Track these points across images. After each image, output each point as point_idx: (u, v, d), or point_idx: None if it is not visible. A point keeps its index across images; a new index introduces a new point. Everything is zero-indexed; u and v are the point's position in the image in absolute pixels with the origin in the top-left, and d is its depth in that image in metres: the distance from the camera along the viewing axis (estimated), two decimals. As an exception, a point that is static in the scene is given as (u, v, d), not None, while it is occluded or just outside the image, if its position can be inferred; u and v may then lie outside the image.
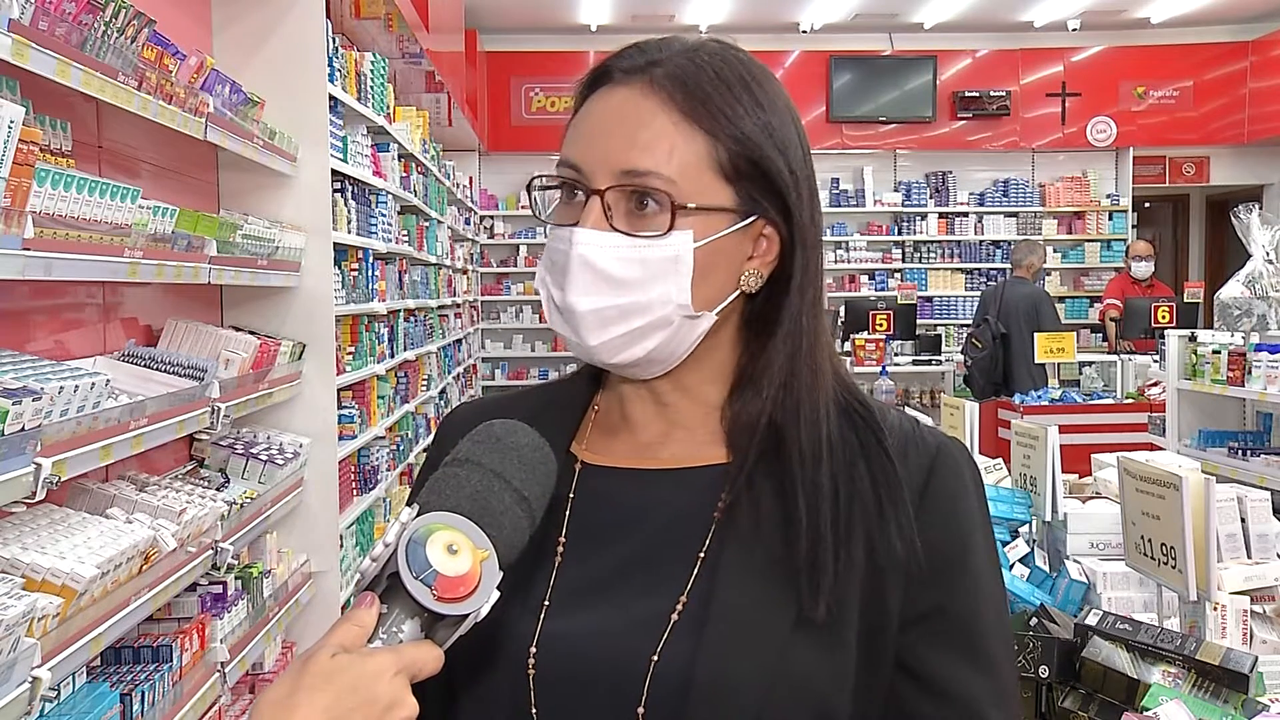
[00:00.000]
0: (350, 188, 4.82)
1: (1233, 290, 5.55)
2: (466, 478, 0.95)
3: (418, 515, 0.92)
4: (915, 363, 10.00)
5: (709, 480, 1.07)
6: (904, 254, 12.78)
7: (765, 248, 1.07)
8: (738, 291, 1.07)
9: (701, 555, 1.03)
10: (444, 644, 0.92)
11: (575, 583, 1.05)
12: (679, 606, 1.01)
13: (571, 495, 1.10)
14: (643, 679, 0.99)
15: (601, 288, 1.03)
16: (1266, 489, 3.05)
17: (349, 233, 4.71)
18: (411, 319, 6.77)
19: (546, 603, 1.04)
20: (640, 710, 0.98)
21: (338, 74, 4.55)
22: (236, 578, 3.25)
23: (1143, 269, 9.43)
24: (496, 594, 0.91)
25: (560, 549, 1.07)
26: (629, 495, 1.09)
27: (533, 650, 1.02)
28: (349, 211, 4.75)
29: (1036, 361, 7.73)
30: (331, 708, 0.85)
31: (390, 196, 5.83)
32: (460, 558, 0.90)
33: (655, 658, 0.99)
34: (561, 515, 1.09)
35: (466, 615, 0.90)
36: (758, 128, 1.04)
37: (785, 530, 1.02)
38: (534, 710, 1.01)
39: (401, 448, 6.20)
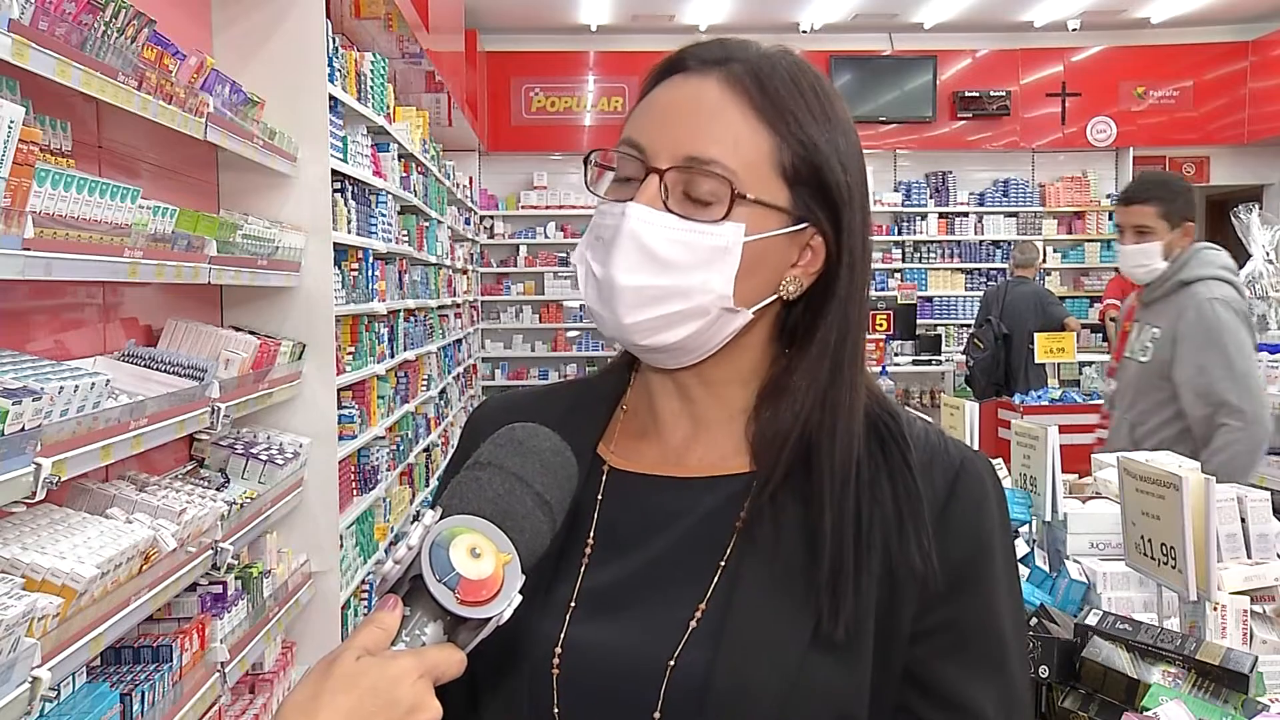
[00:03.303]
0: (350, 188, 4.82)
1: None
2: (489, 481, 0.95)
3: (440, 518, 0.93)
4: (915, 363, 10.00)
5: (735, 489, 1.07)
6: (904, 254, 12.78)
7: (810, 258, 1.07)
8: (775, 296, 1.07)
9: (723, 564, 1.04)
10: (466, 647, 0.92)
11: (600, 587, 1.06)
12: (698, 613, 1.02)
13: (600, 499, 1.10)
14: (660, 684, 0.99)
15: (646, 265, 1.02)
16: (1266, 489, 3.04)
17: (349, 233, 4.71)
18: (411, 319, 6.77)
19: (573, 604, 1.05)
20: (657, 715, 0.99)
21: (338, 74, 4.55)
22: (236, 578, 3.25)
23: (1143, 269, 9.42)
24: (519, 598, 0.91)
25: (587, 553, 1.08)
26: (656, 502, 1.09)
27: (557, 652, 1.03)
28: (349, 211, 4.75)
29: (1036, 361, 7.73)
30: (355, 710, 0.85)
31: (390, 196, 5.83)
32: (483, 561, 0.90)
33: (672, 663, 0.99)
34: (589, 520, 1.09)
35: (489, 618, 0.91)
36: (823, 136, 1.04)
37: (807, 543, 1.02)
38: (556, 711, 1.02)
39: (401, 448, 6.20)
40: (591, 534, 1.09)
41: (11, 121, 1.87)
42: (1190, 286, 3.71)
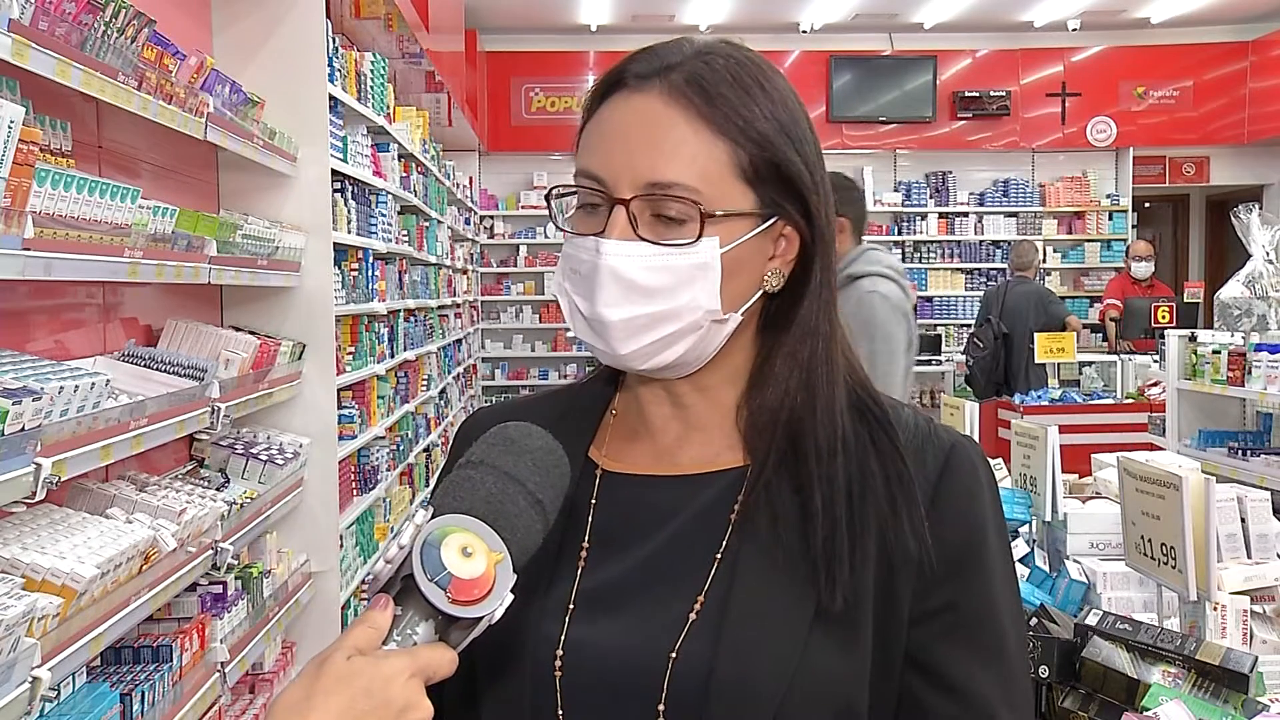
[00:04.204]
0: (350, 188, 4.82)
1: (1233, 290, 5.55)
2: (481, 480, 0.95)
3: (432, 517, 0.92)
4: (916, 363, 9.99)
5: (728, 483, 1.08)
6: (904, 254, 12.77)
7: (785, 247, 1.08)
8: (760, 292, 1.08)
9: (719, 555, 1.04)
10: (458, 646, 0.92)
11: (598, 587, 1.06)
12: (697, 605, 1.02)
13: (594, 501, 1.11)
14: (662, 677, 0.99)
15: (632, 297, 1.02)
16: (1266, 489, 3.05)
17: (349, 233, 4.71)
18: (411, 319, 6.77)
19: (571, 606, 1.05)
20: (661, 708, 0.99)
21: (338, 74, 4.55)
22: (236, 578, 3.25)
23: (1143, 269, 9.43)
24: (510, 597, 0.91)
25: (583, 554, 1.08)
26: (649, 501, 1.09)
27: (559, 654, 1.03)
28: (349, 211, 4.75)
29: (1036, 361, 7.74)
30: (347, 711, 0.85)
31: (390, 196, 5.83)
32: (474, 560, 0.90)
33: (674, 655, 1.00)
34: (584, 521, 1.09)
35: (481, 618, 0.90)
36: (776, 129, 1.04)
37: (802, 526, 1.03)
38: (560, 713, 1.02)
39: (401, 448, 6.20)
40: (587, 536, 1.09)
41: (11, 121, 1.87)
42: (857, 281, 3.88)
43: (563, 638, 1.03)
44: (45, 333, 2.78)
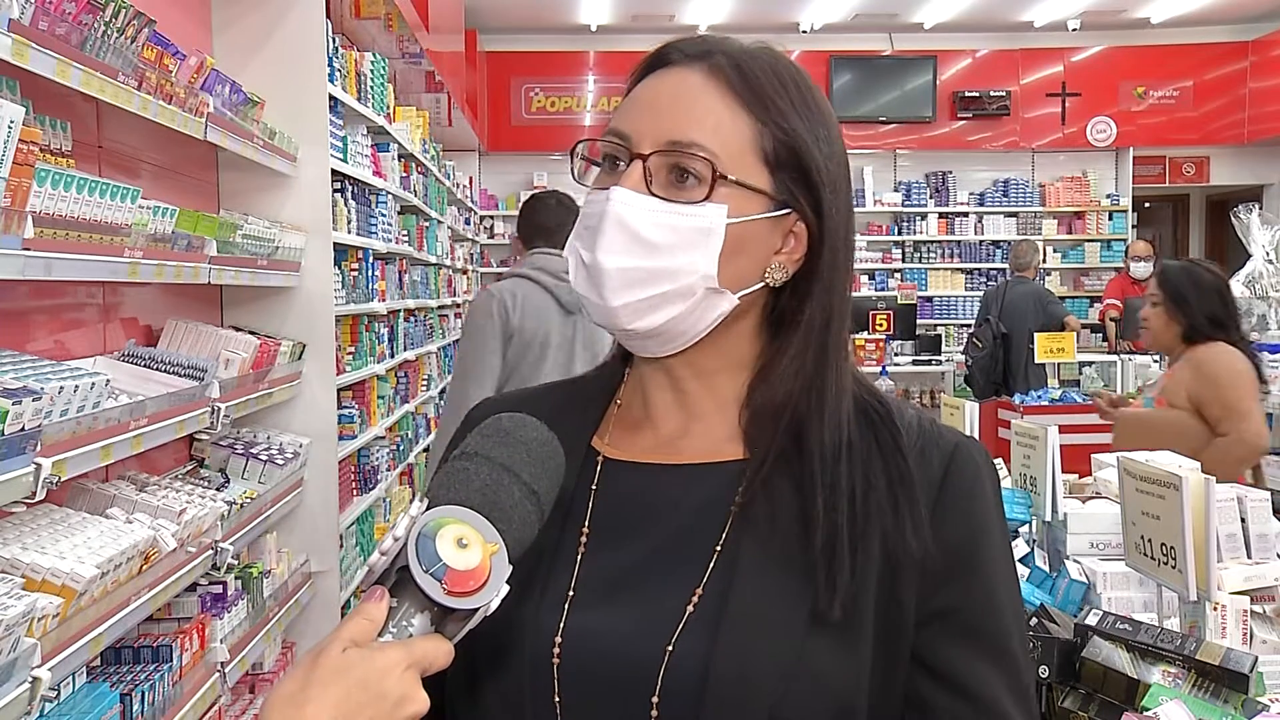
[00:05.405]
0: (350, 188, 4.82)
1: (1233, 290, 5.55)
2: (476, 472, 0.95)
3: (427, 509, 0.92)
4: (915, 363, 10.00)
5: (729, 475, 1.07)
6: (904, 254, 12.78)
7: (794, 245, 1.09)
8: (762, 283, 1.08)
9: (718, 548, 1.04)
10: (453, 638, 0.92)
11: (598, 576, 1.06)
12: (695, 598, 1.02)
13: (594, 488, 1.11)
14: (658, 670, 0.99)
15: (631, 248, 1.04)
16: (1267, 489, 3.05)
17: (349, 233, 4.71)
18: (411, 319, 6.77)
19: (570, 594, 1.05)
20: (655, 700, 0.99)
21: (338, 74, 4.55)
22: (236, 578, 3.25)
23: (1142, 269, 9.44)
24: (506, 588, 0.91)
25: (582, 543, 1.08)
26: (650, 490, 1.09)
27: (558, 642, 1.03)
28: (349, 211, 4.75)
29: (1036, 361, 7.73)
30: (342, 703, 0.85)
31: (390, 196, 5.83)
32: (470, 552, 0.90)
33: (670, 649, 1.00)
34: (584, 509, 1.10)
35: (476, 609, 0.90)
36: (803, 125, 1.07)
37: (802, 526, 1.03)
38: (557, 701, 1.02)
39: (401, 448, 6.20)
40: (586, 523, 1.09)
41: (11, 121, 1.87)
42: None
43: (561, 624, 1.03)
44: (45, 333, 2.78)
